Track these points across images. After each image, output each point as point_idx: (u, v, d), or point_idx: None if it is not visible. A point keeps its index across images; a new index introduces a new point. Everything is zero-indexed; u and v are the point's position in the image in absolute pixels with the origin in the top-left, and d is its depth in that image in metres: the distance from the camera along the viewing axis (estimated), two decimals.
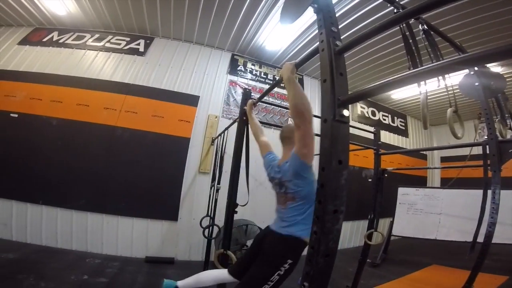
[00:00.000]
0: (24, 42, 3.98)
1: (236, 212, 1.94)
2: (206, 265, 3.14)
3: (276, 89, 4.41)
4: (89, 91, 3.60)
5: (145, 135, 3.60)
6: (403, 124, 6.60)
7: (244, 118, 1.92)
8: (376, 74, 4.61)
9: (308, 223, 1.30)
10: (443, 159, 6.83)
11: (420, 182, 6.29)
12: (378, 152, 2.92)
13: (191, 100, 3.92)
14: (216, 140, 3.45)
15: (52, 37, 4.06)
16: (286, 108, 2.99)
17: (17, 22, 4.10)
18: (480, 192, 2.08)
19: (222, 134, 3.14)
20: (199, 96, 4.03)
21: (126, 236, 3.60)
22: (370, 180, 5.14)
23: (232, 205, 1.93)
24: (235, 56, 4.52)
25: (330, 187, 0.71)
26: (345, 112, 0.73)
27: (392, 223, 4.63)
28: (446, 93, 1.52)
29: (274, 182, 1.55)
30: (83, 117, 3.52)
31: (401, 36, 1.43)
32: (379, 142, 2.99)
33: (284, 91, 4.04)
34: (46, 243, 3.57)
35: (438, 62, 0.61)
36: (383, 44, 3.80)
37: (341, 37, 0.88)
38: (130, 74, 3.91)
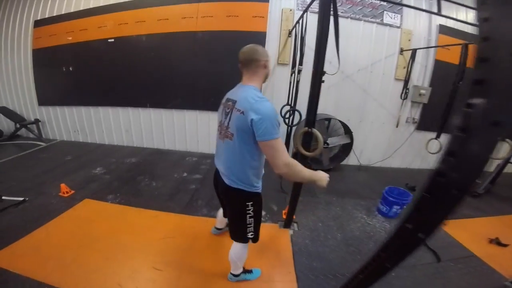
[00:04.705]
0: None
1: (323, 81, 1.73)
2: None
3: None
4: (166, 7, 3.82)
5: (223, 35, 3.74)
6: None
7: None
8: None
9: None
10: None
11: None
12: None
13: None
14: (294, 29, 3.14)
15: None
16: None
17: None
18: None
19: (298, 24, 2.86)
20: None
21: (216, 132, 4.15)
22: None
23: (319, 74, 1.71)
24: None
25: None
26: None
27: None
28: None
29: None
30: (166, 29, 3.86)
31: None
32: None
33: None
34: (157, 145, 4.54)
35: None
36: None
37: None
38: None
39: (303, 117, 3.02)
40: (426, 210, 0.55)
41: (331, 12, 1.59)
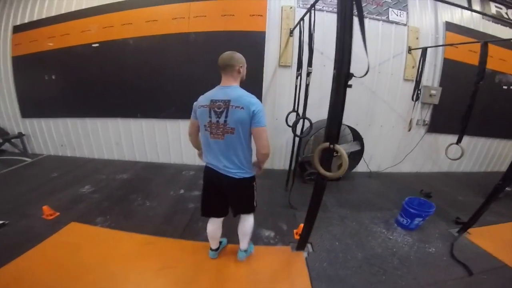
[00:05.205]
0: None
1: (350, 86, 1.45)
2: (293, 174, 3.06)
3: None
4: (154, 8, 3.62)
5: (219, 35, 3.54)
6: None
7: None
8: None
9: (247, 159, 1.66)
10: None
11: None
12: None
13: None
14: (297, 27, 2.94)
15: None
16: None
17: None
18: None
19: (303, 21, 2.69)
20: None
21: None
22: (505, 87, 4.06)
23: (344, 76, 1.41)
24: None
25: None
26: None
27: None
28: None
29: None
30: (155, 31, 3.64)
31: None
32: None
33: None
34: (151, 159, 4.28)
35: None
36: None
37: None
38: None
39: (313, 126, 2.83)
40: None
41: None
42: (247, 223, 1.87)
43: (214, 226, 1.90)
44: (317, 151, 1.64)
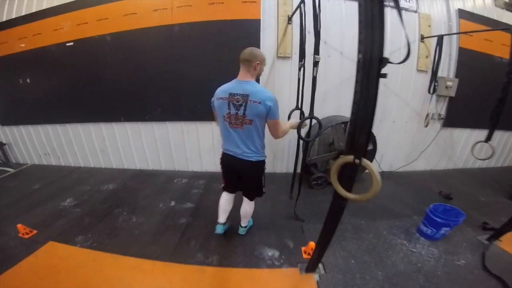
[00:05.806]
0: None
1: (384, 76, 0.99)
2: (299, 181, 2.72)
3: None
4: (131, 0, 3.35)
5: (207, 25, 3.25)
6: None
7: None
8: None
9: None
10: None
11: None
12: None
13: None
14: (298, 10, 2.60)
15: None
16: None
17: None
18: None
19: (303, 3, 2.37)
20: None
21: (207, 146, 3.73)
22: None
23: (375, 63, 0.97)
24: None
25: None
26: None
27: None
28: None
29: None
30: (134, 25, 3.36)
31: None
32: None
33: None
34: (140, 166, 4.01)
35: None
36: None
37: None
38: None
39: (322, 126, 2.51)
40: None
41: None
42: (249, 206, 2.13)
43: (227, 197, 2.16)
44: (336, 166, 1.24)
